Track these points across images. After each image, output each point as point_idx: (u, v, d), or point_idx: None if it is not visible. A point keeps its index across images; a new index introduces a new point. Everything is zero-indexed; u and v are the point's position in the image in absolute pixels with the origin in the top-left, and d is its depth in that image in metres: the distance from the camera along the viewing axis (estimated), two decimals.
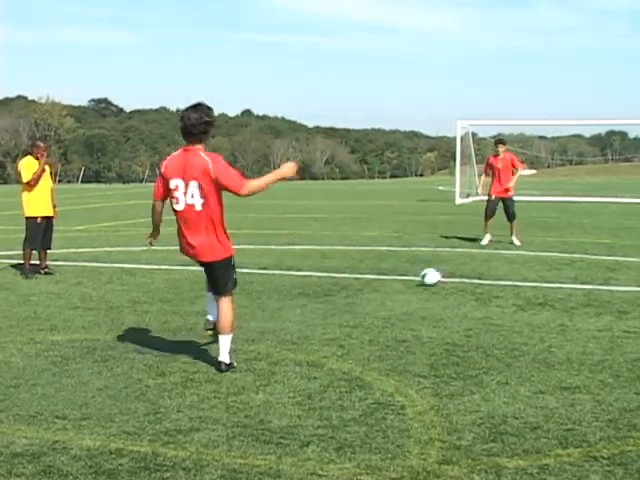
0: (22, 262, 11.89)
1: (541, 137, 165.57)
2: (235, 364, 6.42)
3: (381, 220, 23.65)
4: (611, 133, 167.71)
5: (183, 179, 6.12)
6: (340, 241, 16.75)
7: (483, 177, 17.67)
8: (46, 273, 11.80)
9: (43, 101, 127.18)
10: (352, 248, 15.31)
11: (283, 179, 6.30)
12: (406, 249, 15.17)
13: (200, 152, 6.14)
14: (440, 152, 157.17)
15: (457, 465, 4.35)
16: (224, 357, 6.37)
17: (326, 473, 4.24)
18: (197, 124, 6.11)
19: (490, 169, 16.45)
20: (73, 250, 15.05)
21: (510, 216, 16.16)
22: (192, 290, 10.28)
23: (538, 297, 9.72)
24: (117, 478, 4.20)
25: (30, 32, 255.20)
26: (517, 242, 15.82)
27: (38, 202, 11.66)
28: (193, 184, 6.09)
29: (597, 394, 5.67)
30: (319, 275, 11.56)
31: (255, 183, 6.21)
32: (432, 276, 10.84)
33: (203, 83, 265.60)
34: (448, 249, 15.15)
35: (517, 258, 13.74)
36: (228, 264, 6.39)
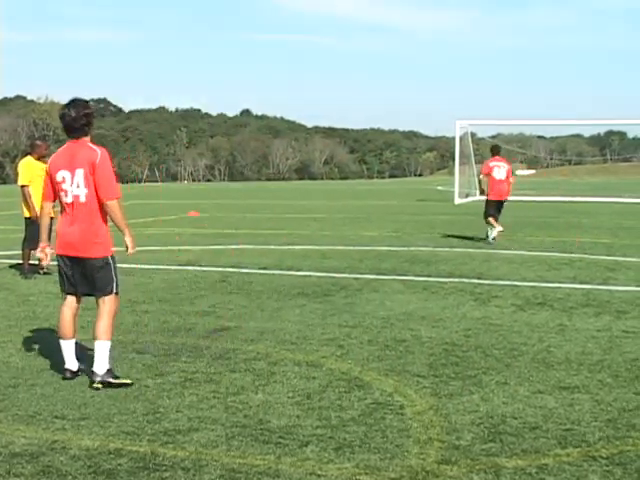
0: (21, 262, 11.88)
1: (540, 137, 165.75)
2: (112, 379, 5.88)
3: (380, 220, 23.66)
4: (610, 133, 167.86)
5: (69, 170, 5.97)
6: (339, 241, 16.76)
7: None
8: (45, 273, 11.79)
9: (42, 101, 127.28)
10: (351, 248, 15.31)
11: (126, 236, 6.09)
12: (405, 249, 15.17)
13: (88, 143, 6.05)
14: (439, 152, 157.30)
15: (456, 465, 4.35)
16: (98, 366, 5.91)
17: (325, 473, 4.24)
18: (78, 117, 6.01)
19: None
20: None
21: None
22: (191, 290, 10.28)
23: (537, 297, 9.72)
24: (116, 478, 4.19)
25: (30, 32, 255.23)
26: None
27: (38, 202, 11.64)
28: (79, 173, 5.93)
29: (596, 394, 5.67)
30: (318, 275, 11.56)
31: (119, 211, 6.00)
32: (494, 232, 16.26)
33: (202, 83, 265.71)
34: (447, 249, 15.16)
35: (516, 258, 13.75)
36: (107, 263, 6.08)
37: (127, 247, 6.14)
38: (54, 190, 6.15)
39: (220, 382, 5.99)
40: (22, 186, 11.69)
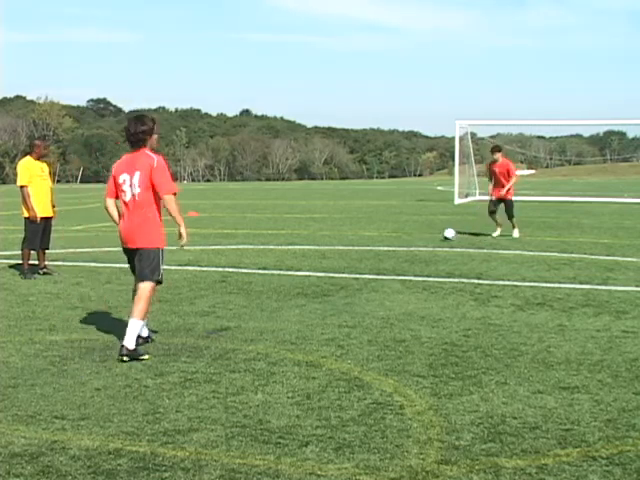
0: (21, 262, 11.88)
1: (540, 137, 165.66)
2: (142, 355, 6.70)
3: (380, 220, 23.66)
4: (610, 133, 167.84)
5: (129, 173, 6.97)
6: (339, 241, 16.76)
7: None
8: (45, 273, 11.79)
9: (42, 101, 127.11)
10: (351, 248, 15.31)
11: (180, 227, 7.03)
12: (405, 249, 15.17)
13: (147, 151, 7.05)
14: (439, 152, 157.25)
15: (456, 465, 4.35)
16: (128, 342, 6.72)
17: (325, 473, 4.24)
18: (135, 134, 7.04)
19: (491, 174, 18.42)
20: (72, 250, 15.05)
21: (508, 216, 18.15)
22: (191, 290, 10.28)
23: (537, 297, 9.72)
24: (116, 478, 4.19)
25: (30, 32, 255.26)
26: (516, 234, 17.58)
27: (37, 203, 11.66)
28: (137, 175, 6.93)
29: (596, 394, 5.67)
30: (318, 275, 11.56)
31: (175, 204, 6.97)
32: (449, 232, 16.47)
33: (202, 83, 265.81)
34: (447, 249, 15.16)
35: (516, 258, 13.75)
36: (156, 254, 6.98)
37: (180, 236, 7.04)
38: (116, 190, 7.09)
39: (220, 382, 5.99)
40: (21, 186, 11.69)
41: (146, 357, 6.71)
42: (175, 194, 7.01)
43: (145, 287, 6.95)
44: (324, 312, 8.75)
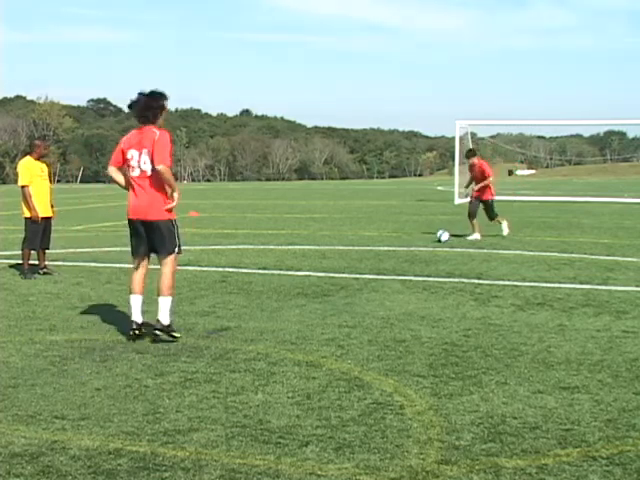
0: (21, 262, 11.89)
1: (540, 137, 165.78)
2: (175, 332, 7.28)
3: (380, 220, 23.66)
4: (610, 133, 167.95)
5: (137, 150, 7.26)
6: (339, 241, 16.76)
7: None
8: (45, 273, 11.79)
9: (42, 101, 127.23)
10: (351, 248, 15.31)
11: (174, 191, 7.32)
12: (405, 249, 15.17)
13: (153, 128, 7.31)
14: (439, 152, 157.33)
15: (456, 465, 4.35)
16: (162, 317, 7.27)
17: (325, 473, 4.24)
18: (146, 109, 7.32)
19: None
20: (72, 250, 15.05)
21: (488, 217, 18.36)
22: (191, 290, 10.27)
23: (537, 297, 9.72)
24: (116, 478, 4.19)
25: (30, 32, 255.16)
26: (505, 230, 17.83)
27: (38, 203, 11.66)
28: (144, 152, 7.22)
29: (596, 394, 5.67)
30: (318, 275, 11.56)
31: (168, 174, 7.19)
32: (445, 235, 16.30)
33: (202, 83, 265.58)
34: (447, 249, 15.16)
35: (516, 258, 13.75)
36: (170, 225, 7.32)
37: (172, 199, 7.30)
38: (121, 163, 7.43)
39: (220, 382, 5.99)
40: (22, 186, 11.69)
41: (178, 335, 7.25)
42: (169, 166, 7.22)
43: (167, 261, 7.32)
44: (324, 312, 8.75)
